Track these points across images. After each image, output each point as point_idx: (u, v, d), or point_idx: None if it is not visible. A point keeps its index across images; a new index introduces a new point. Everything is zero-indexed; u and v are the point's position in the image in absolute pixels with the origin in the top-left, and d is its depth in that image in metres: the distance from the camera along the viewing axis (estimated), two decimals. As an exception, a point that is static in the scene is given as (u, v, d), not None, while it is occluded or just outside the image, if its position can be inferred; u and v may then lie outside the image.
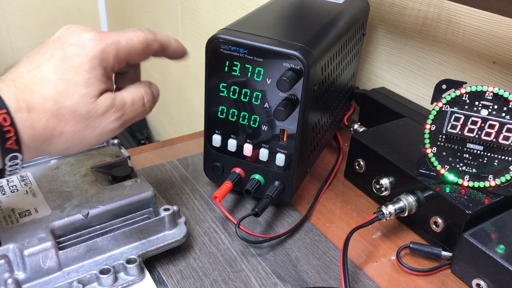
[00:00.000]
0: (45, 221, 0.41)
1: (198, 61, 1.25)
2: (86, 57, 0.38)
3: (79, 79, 0.38)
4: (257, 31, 0.47)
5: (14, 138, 0.35)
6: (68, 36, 0.39)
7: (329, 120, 0.58)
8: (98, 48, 0.39)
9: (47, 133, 0.37)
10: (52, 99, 0.37)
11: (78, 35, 0.39)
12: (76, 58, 0.38)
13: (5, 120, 0.34)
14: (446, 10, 0.60)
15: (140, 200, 0.45)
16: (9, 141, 0.35)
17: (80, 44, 0.38)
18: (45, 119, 0.36)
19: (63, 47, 0.38)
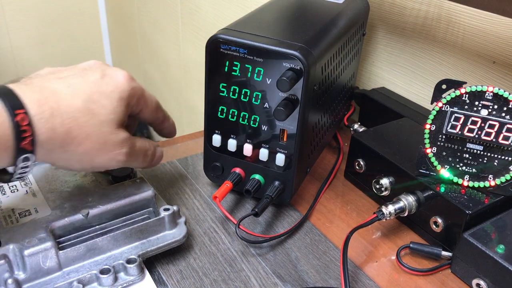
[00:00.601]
0: (45, 221, 0.41)
1: (198, 61, 1.25)
2: (118, 88, 0.42)
3: (109, 105, 0.41)
4: (257, 31, 0.47)
5: (30, 139, 0.35)
6: (103, 67, 0.43)
7: (329, 120, 0.58)
8: (130, 85, 0.43)
9: (66, 139, 0.38)
10: (80, 111, 0.39)
11: (113, 70, 0.43)
12: (109, 86, 0.41)
13: (23, 120, 0.35)
14: (446, 10, 0.60)
15: (140, 200, 0.45)
16: (25, 141, 0.35)
17: (115, 76, 0.42)
18: (68, 126, 0.38)
19: (98, 73, 0.42)
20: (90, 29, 1.78)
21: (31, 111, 0.36)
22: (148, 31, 1.48)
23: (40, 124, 0.36)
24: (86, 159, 0.41)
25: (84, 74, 0.41)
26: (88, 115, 0.39)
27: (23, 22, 1.65)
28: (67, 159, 0.40)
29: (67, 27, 1.73)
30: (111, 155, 0.42)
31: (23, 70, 1.72)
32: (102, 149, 0.41)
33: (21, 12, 1.64)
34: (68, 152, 0.39)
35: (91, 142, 0.40)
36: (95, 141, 0.40)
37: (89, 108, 0.39)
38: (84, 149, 0.39)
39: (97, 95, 0.40)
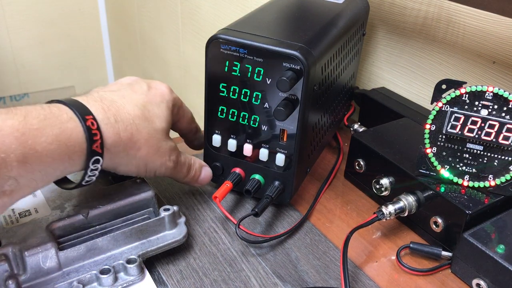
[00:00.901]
0: (45, 221, 0.41)
1: (198, 61, 1.25)
2: (164, 98, 0.46)
3: (160, 114, 0.44)
4: (257, 31, 0.47)
5: (99, 142, 0.38)
6: (146, 81, 0.47)
7: (329, 120, 0.58)
8: (172, 96, 0.47)
9: (129, 143, 0.41)
10: (138, 117, 0.42)
11: (156, 82, 0.47)
12: (157, 97, 0.45)
13: (92, 124, 0.38)
14: (446, 10, 0.60)
15: (140, 200, 0.45)
16: (96, 144, 0.38)
17: (159, 88, 0.46)
18: (130, 131, 0.41)
19: (144, 86, 0.45)
20: (90, 29, 1.78)
21: (98, 116, 0.39)
22: (148, 31, 1.48)
23: (107, 129, 0.39)
24: (143, 164, 0.44)
25: (132, 87, 0.45)
26: (145, 121, 0.42)
27: (23, 22, 1.65)
28: (127, 164, 0.43)
29: (67, 27, 1.73)
30: (162, 160, 0.45)
31: (23, 70, 1.72)
32: (156, 155, 0.44)
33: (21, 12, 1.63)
34: (129, 156, 0.42)
35: (148, 147, 0.43)
36: (151, 146, 0.43)
37: (145, 116, 0.43)
38: (142, 154, 0.43)
39: (149, 105, 0.44)
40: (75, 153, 0.37)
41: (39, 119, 0.35)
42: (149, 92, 0.45)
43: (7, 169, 0.33)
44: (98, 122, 0.38)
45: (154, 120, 0.43)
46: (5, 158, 0.33)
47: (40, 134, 0.35)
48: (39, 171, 0.35)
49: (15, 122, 0.34)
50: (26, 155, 0.34)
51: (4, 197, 0.34)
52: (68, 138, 0.36)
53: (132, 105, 0.42)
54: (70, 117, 0.37)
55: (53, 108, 0.37)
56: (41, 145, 0.35)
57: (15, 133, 0.33)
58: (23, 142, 0.34)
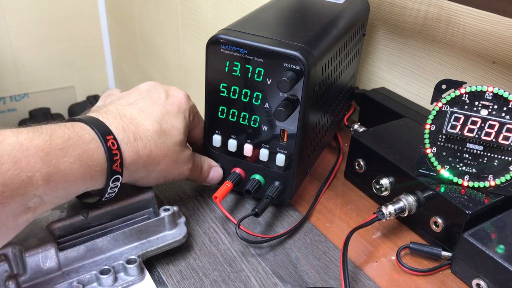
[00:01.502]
0: (45, 221, 0.41)
1: (198, 62, 1.25)
2: (182, 108, 0.46)
3: (178, 125, 0.45)
4: (257, 31, 0.47)
5: (119, 161, 0.39)
6: (165, 88, 0.47)
7: (329, 120, 0.58)
8: (189, 104, 0.48)
9: (148, 159, 0.42)
10: (156, 133, 0.43)
11: (174, 90, 0.48)
12: (175, 107, 0.46)
13: (113, 145, 0.39)
14: (446, 10, 0.60)
15: (140, 201, 0.45)
16: (116, 164, 0.39)
17: (177, 96, 0.47)
18: (149, 148, 0.42)
19: (163, 95, 0.46)
20: (90, 29, 1.78)
21: (118, 136, 0.40)
22: (148, 31, 1.48)
23: (126, 148, 0.40)
24: (161, 175, 0.45)
25: (150, 97, 0.45)
26: (163, 136, 0.43)
27: (23, 22, 1.65)
28: (147, 177, 0.44)
29: (67, 27, 1.73)
30: (180, 170, 0.46)
31: (23, 70, 1.72)
32: (175, 166, 0.45)
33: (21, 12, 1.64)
34: (148, 171, 0.43)
35: (167, 161, 0.44)
36: (170, 160, 0.44)
37: (163, 130, 0.43)
38: (161, 167, 0.44)
39: (167, 117, 0.44)
40: (96, 172, 0.38)
41: (63, 139, 0.36)
42: (167, 101, 0.45)
43: (33, 187, 0.34)
44: (118, 142, 0.39)
45: (173, 133, 0.44)
46: (31, 177, 0.33)
47: (64, 154, 0.36)
48: (62, 190, 0.36)
49: (41, 142, 0.35)
50: (50, 174, 0.35)
51: (29, 213, 0.35)
52: (89, 158, 0.37)
53: (150, 120, 0.43)
54: (92, 137, 0.38)
55: (76, 128, 0.38)
56: (64, 164, 0.36)
57: (40, 153, 0.34)
58: (47, 162, 0.35)
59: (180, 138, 0.45)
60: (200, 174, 0.50)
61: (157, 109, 0.44)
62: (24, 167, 0.33)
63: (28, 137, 0.34)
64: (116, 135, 0.40)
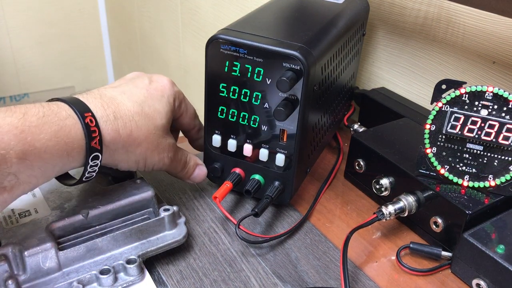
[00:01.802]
0: (45, 221, 0.41)
1: (198, 62, 1.25)
2: (165, 92, 0.46)
3: (161, 109, 0.44)
4: (257, 31, 0.47)
5: (98, 138, 0.39)
6: (148, 75, 0.47)
7: (329, 120, 0.58)
8: (174, 90, 0.47)
9: (129, 140, 0.42)
10: (138, 114, 0.42)
11: (158, 76, 0.47)
12: (158, 91, 0.45)
13: (91, 121, 0.38)
14: (446, 10, 0.60)
15: (140, 201, 0.45)
16: (94, 140, 0.38)
17: (160, 82, 0.46)
18: (130, 128, 0.41)
19: (146, 80, 0.46)
20: (90, 29, 1.78)
21: (97, 114, 0.39)
22: (148, 31, 1.48)
23: (105, 126, 0.39)
24: (142, 160, 0.44)
25: (133, 82, 0.45)
26: (145, 118, 0.43)
27: (23, 22, 1.65)
28: (127, 160, 0.43)
29: (67, 27, 1.73)
30: (160, 157, 0.45)
31: (23, 70, 1.72)
32: (155, 151, 0.44)
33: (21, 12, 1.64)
34: (128, 152, 0.42)
35: (147, 143, 0.43)
36: (150, 143, 0.43)
37: (145, 112, 0.43)
38: (141, 150, 0.43)
39: (150, 100, 0.44)
40: (74, 149, 0.38)
41: (38, 117, 0.36)
42: (150, 86, 0.45)
43: (6, 165, 0.34)
44: (97, 119, 0.39)
45: (154, 116, 0.44)
46: (4, 155, 0.33)
47: (39, 131, 0.35)
48: (38, 168, 0.36)
49: (14, 119, 0.35)
50: (25, 152, 0.34)
51: (4, 193, 0.35)
52: (66, 135, 0.37)
53: (132, 101, 0.42)
54: (69, 114, 0.38)
55: (52, 106, 0.38)
56: (40, 141, 0.35)
57: (14, 131, 0.34)
58: (22, 139, 0.34)
59: (162, 122, 0.44)
60: (183, 169, 0.49)
61: (140, 92, 0.44)
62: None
63: (0, 116, 0.34)
64: (94, 112, 0.39)
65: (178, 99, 0.47)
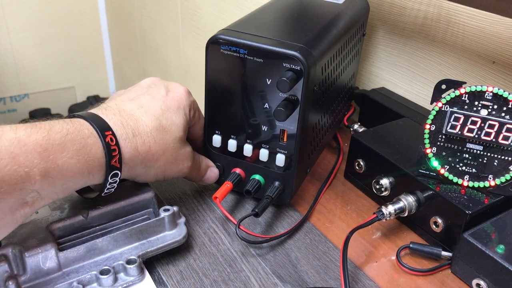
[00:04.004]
0: (45, 221, 0.41)
1: (198, 62, 1.25)
2: (182, 104, 0.46)
3: (177, 121, 0.45)
4: (257, 31, 0.47)
5: (118, 157, 0.39)
6: (165, 84, 0.47)
7: (329, 120, 0.58)
8: (189, 100, 0.47)
9: (147, 156, 0.42)
10: (156, 129, 0.43)
11: (174, 85, 0.47)
12: (175, 102, 0.45)
13: (111, 140, 0.39)
14: (445, 10, 0.60)
15: (140, 201, 0.45)
16: (114, 159, 0.39)
17: (177, 92, 0.46)
18: (148, 144, 0.42)
19: (163, 90, 0.46)
20: (90, 29, 1.78)
21: (117, 132, 0.40)
22: (148, 31, 1.48)
23: (125, 144, 0.40)
24: (161, 172, 0.45)
25: (150, 92, 0.45)
26: (162, 133, 0.43)
27: (23, 22, 1.65)
28: (146, 174, 0.44)
29: (67, 27, 1.73)
30: (180, 167, 0.46)
31: (23, 70, 1.72)
32: (174, 163, 0.45)
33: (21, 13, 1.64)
34: (147, 167, 0.43)
35: (166, 157, 0.44)
36: (169, 156, 0.44)
37: (163, 126, 0.43)
38: (160, 164, 0.44)
39: (167, 113, 0.44)
40: (94, 167, 0.38)
41: (62, 134, 0.36)
42: (167, 97, 0.45)
43: (30, 182, 0.34)
44: (117, 138, 0.39)
45: (172, 130, 0.44)
46: (28, 172, 0.34)
47: (62, 149, 0.36)
48: (60, 185, 0.36)
49: (39, 137, 0.35)
50: (48, 169, 0.35)
51: (26, 207, 0.35)
52: (88, 153, 0.37)
53: (149, 116, 0.43)
54: (91, 132, 0.38)
55: (75, 123, 0.38)
56: (62, 159, 0.36)
57: (38, 149, 0.34)
58: (45, 157, 0.35)
59: (179, 135, 0.45)
60: (198, 172, 0.50)
61: (157, 105, 0.44)
62: (22, 162, 0.33)
63: (26, 132, 0.34)
64: (114, 130, 0.40)
65: (193, 109, 0.48)
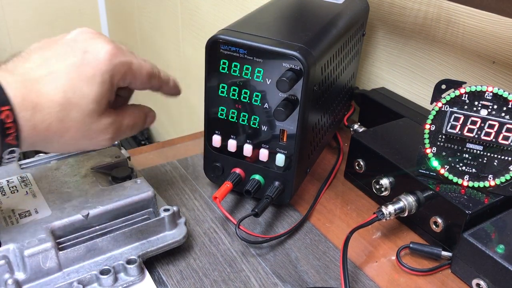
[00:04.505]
0: (45, 221, 0.41)
1: (198, 62, 1.25)
2: (99, 70, 0.39)
3: (90, 93, 0.39)
4: (256, 31, 0.47)
5: (14, 135, 0.35)
6: (86, 43, 0.40)
7: (329, 120, 0.58)
8: (113, 63, 0.40)
9: (48, 134, 0.38)
10: (59, 104, 0.37)
11: (96, 44, 0.40)
12: (90, 69, 0.39)
13: (7, 117, 0.35)
14: (445, 10, 0.60)
15: (140, 201, 0.45)
16: (10, 137, 0.35)
17: (96, 54, 0.39)
18: (48, 122, 0.37)
19: (79, 52, 0.39)
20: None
21: (15, 107, 0.35)
22: (148, 31, 1.48)
23: (22, 121, 0.36)
24: (70, 146, 0.40)
25: (66, 54, 0.39)
26: (67, 109, 0.38)
27: (23, 22, 1.65)
28: (51, 148, 0.40)
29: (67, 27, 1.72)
30: (94, 142, 0.41)
31: (23, 70, 1.71)
32: (84, 138, 0.40)
33: (21, 13, 1.64)
34: (51, 143, 0.39)
35: (72, 133, 0.39)
36: (75, 133, 0.39)
37: (69, 101, 0.38)
38: (65, 140, 0.39)
39: (78, 82, 0.38)
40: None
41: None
42: (81, 62, 0.39)
43: None
44: (16, 114, 0.35)
45: (80, 104, 0.38)
46: None
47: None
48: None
49: None
50: None
51: None
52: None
53: (55, 88, 0.37)
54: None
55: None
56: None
57: None
58: None
59: (90, 108, 0.39)
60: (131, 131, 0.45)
61: (67, 74, 0.38)
62: None
63: None
64: (14, 105, 0.35)
65: (119, 73, 0.41)
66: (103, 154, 0.50)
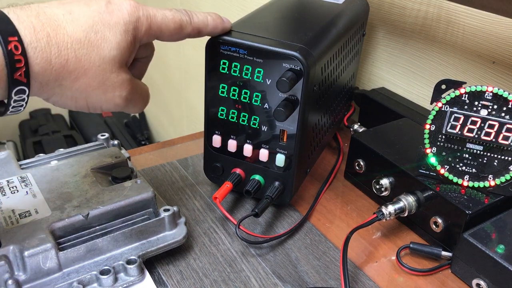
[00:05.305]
0: (45, 222, 0.41)
1: (198, 62, 1.25)
2: (123, 19, 0.37)
3: (113, 39, 0.36)
4: (257, 31, 0.47)
5: (24, 70, 0.33)
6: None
7: (329, 120, 0.58)
8: (136, 15, 0.38)
9: (63, 72, 0.35)
10: (79, 42, 0.35)
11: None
12: (113, 16, 0.37)
13: (16, 48, 0.32)
14: (445, 10, 0.60)
15: (140, 201, 0.45)
16: (19, 72, 0.32)
17: (119, 5, 0.37)
18: (65, 58, 0.34)
19: (102, 2, 0.37)
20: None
21: (25, 38, 0.32)
22: (148, 32, 1.48)
23: (34, 54, 0.33)
24: (81, 97, 0.37)
25: (89, 4, 0.37)
26: (88, 47, 0.35)
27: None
28: (61, 95, 0.37)
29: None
30: (109, 96, 0.38)
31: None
32: (100, 88, 0.37)
33: (21, 13, 1.63)
34: (62, 86, 0.36)
35: (88, 78, 0.36)
36: (92, 78, 0.36)
37: (90, 40, 0.35)
38: (79, 85, 0.36)
39: (100, 26, 0.36)
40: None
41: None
42: (105, 8, 0.37)
43: None
44: (25, 46, 0.32)
45: (102, 46, 0.36)
46: None
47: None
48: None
49: None
50: None
51: None
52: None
53: (75, 25, 0.35)
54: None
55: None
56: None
57: None
58: None
59: (112, 54, 0.36)
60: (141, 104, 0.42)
61: (89, 15, 0.36)
62: None
63: None
64: (23, 36, 0.32)
65: (142, 26, 0.39)
66: (103, 154, 0.50)
